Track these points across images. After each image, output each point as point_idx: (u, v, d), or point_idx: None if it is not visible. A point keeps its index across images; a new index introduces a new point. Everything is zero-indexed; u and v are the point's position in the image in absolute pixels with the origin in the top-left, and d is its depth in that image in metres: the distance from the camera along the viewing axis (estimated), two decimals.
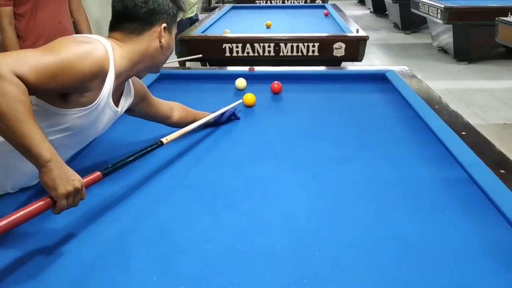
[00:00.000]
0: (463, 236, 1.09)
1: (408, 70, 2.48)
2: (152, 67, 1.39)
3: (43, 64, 1.04)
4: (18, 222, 0.94)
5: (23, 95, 0.98)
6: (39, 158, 0.98)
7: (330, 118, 1.92)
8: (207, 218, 1.18)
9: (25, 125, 0.96)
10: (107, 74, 1.19)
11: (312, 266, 0.98)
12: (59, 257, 1.03)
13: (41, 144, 0.98)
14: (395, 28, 8.83)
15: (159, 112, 1.61)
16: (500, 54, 6.10)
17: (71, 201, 1.03)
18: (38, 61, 1.04)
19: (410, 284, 0.94)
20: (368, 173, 1.42)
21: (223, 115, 1.78)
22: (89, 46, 1.16)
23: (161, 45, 1.32)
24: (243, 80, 2.24)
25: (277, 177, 1.41)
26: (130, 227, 1.15)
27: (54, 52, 1.08)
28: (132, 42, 1.28)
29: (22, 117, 0.96)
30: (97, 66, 1.14)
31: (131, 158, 1.24)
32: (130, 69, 1.30)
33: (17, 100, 0.96)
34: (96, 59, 1.14)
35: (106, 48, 1.19)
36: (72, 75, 1.09)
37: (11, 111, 0.95)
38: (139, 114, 1.58)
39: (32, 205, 0.98)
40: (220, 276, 0.96)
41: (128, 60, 1.27)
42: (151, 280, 0.95)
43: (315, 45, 3.53)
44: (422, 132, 1.71)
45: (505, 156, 1.44)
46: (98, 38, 1.22)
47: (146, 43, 1.29)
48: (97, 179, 1.13)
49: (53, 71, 1.05)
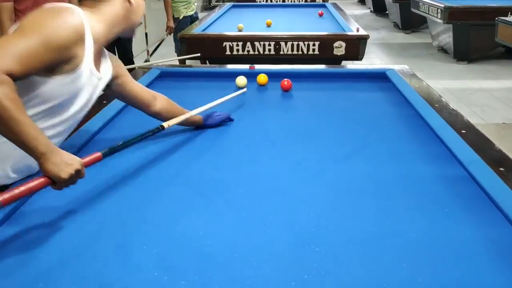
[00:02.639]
0: (463, 233, 1.09)
1: (408, 69, 2.49)
2: (127, 30, 1.42)
3: (24, 50, 1.05)
4: (19, 195, 0.98)
5: (13, 93, 1.00)
6: (35, 151, 1.03)
7: (330, 116, 1.93)
8: (207, 214, 1.19)
9: (18, 123, 1.00)
10: (85, 39, 1.22)
11: (313, 262, 0.99)
12: (59, 253, 1.03)
13: (35, 139, 1.02)
14: (395, 27, 8.83)
15: (138, 96, 1.57)
16: (499, 54, 6.11)
17: (70, 181, 1.08)
18: (19, 48, 1.04)
19: (410, 280, 0.94)
20: (368, 171, 1.42)
21: (215, 118, 1.76)
22: (63, 15, 1.16)
23: (131, 5, 1.37)
24: (244, 78, 2.24)
25: (277, 174, 1.41)
26: (131, 223, 1.15)
27: (31, 33, 1.08)
28: (103, 7, 1.32)
29: (15, 115, 0.99)
30: (75, 33, 1.17)
31: (132, 141, 1.27)
32: (107, 33, 1.34)
33: (8, 99, 0.99)
34: (72, 26, 1.16)
35: (79, 14, 1.21)
36: (54, 49, 1.11)
37: (4, 112, 0.98)
38: (117, 93, 1.55)
39: (33, 181, 1.03)
40: (220, 272, 0.96)
41: (103, 24, 1.31)
42: (152, 275, 0.96)
43: (315, 44, 3.53)
44: (422, 130, 1.72)
45: (504, 154, 1.44)
46: (70, 5, 1.22)
47: (117, 5, 1.34)
48: (97, 159, 1.16)
49: (35, 53, 1.07)
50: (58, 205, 1.23)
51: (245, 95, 2.16)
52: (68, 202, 1.25)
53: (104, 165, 1.46)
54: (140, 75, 2.39)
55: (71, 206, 1.23)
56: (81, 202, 1.25)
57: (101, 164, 1.46)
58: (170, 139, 1.68)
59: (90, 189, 1.32)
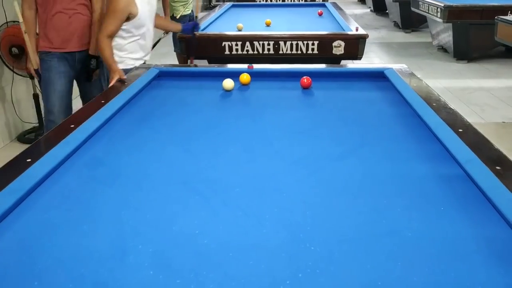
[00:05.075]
0: (458, 232, 1.09)
1: (406, 68, 2.49)
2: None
3: (112, 25, 2.55)
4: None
5: (109, 45, 2.59)
6: (112, 67, 2.51)
7: (328, 115, 1.93)
8: (203, 213, 1.19)
9: (109, 56, 2.56)
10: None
11: (307, 261, 0.99)
12: (55, 252, 1.04)
13: (113, 64, 2.53)
14: (395, 26, 8.83)
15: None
16: (499, 53, 6.11)
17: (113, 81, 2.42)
18: (108, 23, 2.55)
19: (404, 279, 0.94)
20: (364, 170, 1.42)
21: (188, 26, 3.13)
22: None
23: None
24: (231, 80, 2.23)
25: (274, 173, 1.41)
26: (127, 222, 1.15)
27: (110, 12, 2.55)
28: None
29: (109, 54, 2.56)
30: (127, 2, 2.56)
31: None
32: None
33: (107, 46, 2.56)
34: (124, 1, 2.56)
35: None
36: (121, 15, 2.56)
37: (106, 53, 2.55)
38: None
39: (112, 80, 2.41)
40: (216, 271, 0.97)
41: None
42: (148, 274, 0.96)
43: (314, 43, 3.53)
44: (419, 129, 1.72)
45: (501, 153, 1.44)
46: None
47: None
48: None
49: (115, 21, 2.56)
50: (54, 204, 1.24)
51: (242, 94, 2.17)
52: (64, 201, 1.25)
53: (100, 164, 1.47)
54: (139, 74, 2.39)
55: (67, 205, 1.23)
56: (76, 201, 1.26)
57: (97, 163, 1.48)
58: (167, 138, 1.68)
59: (86, 188, 1.32)
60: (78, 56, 2.90)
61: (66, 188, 1.32)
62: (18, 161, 1.42)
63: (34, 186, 1.29)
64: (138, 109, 2.01)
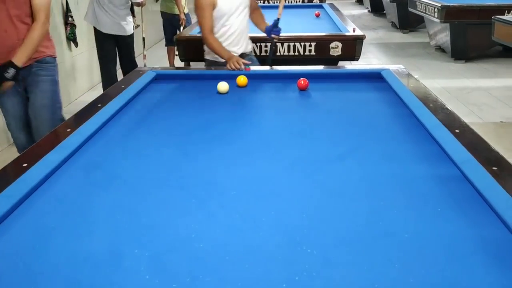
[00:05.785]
0: (455, 233, 1.09)
1: (403, 68, 2.48)
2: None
3: (204, 21, 2.69)
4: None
5: (214, 39, 2.70)
6: (225, 57, 2.61)
7: (325, 117, 1.93)
8: (200, 216, 1.19)
9: (219, 48, 2.67)
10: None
11: (304, 264, 0.99)
12: (51, 257, 1.03)
13: (224, 53, 2.64)
14: (392, 27, 8.84)
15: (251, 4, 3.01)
16: (497, 52, 6.11)
17: (237, 64, 2.51)
18: (203, 22, 2.69)
19: (401, 281, 0.94)
20: (361, 171, 1.42)
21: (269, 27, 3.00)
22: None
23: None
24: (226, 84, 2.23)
25: (271, 176, 1.41)
26: (123, 226, 1.15)
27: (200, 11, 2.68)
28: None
29: (217, 46, 2.68)
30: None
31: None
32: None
33: (215, 42, 2.69)
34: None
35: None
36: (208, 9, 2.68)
37: (214, 46, 2.68)
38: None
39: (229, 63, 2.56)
40: (212, 274, 0.96)
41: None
42: (144, 279, 0.96)
43: (311, 45, 3.53)
44: (416, 130, 1.72)
45: (497, 153, 1.44)
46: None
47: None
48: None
49: (206, 17, 2.67)
50: (49, 208, 1.23)
51: (239, 97, 2.17)
52: (60, 205, 1.25)
53: (97, 168, 1.47)
54: (136, 77, 2.39)
55: (63, 210, 1.23)
56: (72, 205, 1.25)
57: (94, 167, 1.47)
58: (163, 141, 1.68)
59: (82, 192, 1.32)
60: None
61: (62, 193, 1.32)
62: (14, 166, 1.42)
63: (30, 190, 1.29)
64: (135, 112, 2.00)
